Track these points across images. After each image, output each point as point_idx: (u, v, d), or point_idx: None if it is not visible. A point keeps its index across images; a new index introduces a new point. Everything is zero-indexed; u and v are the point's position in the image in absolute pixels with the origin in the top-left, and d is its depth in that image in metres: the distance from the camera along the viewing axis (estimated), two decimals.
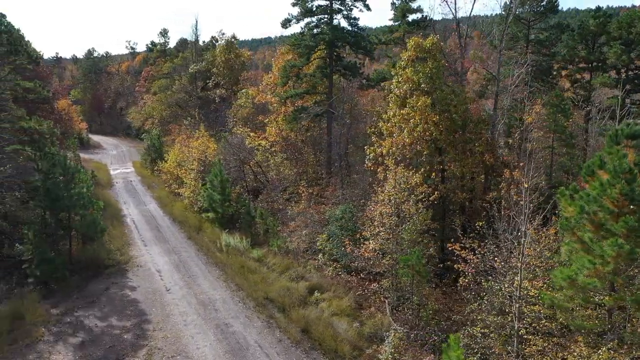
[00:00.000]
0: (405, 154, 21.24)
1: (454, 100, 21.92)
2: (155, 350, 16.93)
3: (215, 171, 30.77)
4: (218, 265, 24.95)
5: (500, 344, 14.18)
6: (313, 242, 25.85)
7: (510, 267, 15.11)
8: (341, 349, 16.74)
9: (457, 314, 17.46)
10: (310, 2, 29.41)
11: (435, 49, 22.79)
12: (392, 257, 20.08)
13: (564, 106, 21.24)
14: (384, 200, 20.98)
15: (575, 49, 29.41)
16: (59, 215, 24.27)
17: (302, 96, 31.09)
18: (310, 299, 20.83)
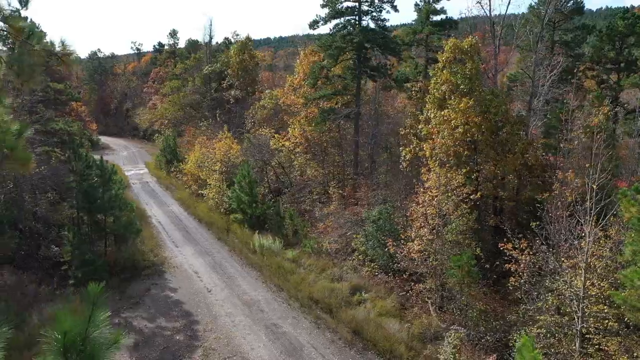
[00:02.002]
0: (449, 155, 21.33)
1: (494, 101, 22.03)
2: (211, 351, 16.97)
3: (243, 172, 30.80)
4: (253, 266, 24.98)
5: (565, 344, 14.28)
6: (346, 242, 25.94)
7: (569, 267, 15.20)
8: (396, 349, 16.82)
9: (512, 314, 17.51)
10: (340, 3, 29.48)
11: (473, 50, 22.90)
12: (435, 257, 20.19)
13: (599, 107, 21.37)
14: (425, 201, 21.08)
15: (602, 50, 29.61)
16: (95, 216, 24.30)
17: (330, 97, 31.14)
18: (353, 300, 20.90)
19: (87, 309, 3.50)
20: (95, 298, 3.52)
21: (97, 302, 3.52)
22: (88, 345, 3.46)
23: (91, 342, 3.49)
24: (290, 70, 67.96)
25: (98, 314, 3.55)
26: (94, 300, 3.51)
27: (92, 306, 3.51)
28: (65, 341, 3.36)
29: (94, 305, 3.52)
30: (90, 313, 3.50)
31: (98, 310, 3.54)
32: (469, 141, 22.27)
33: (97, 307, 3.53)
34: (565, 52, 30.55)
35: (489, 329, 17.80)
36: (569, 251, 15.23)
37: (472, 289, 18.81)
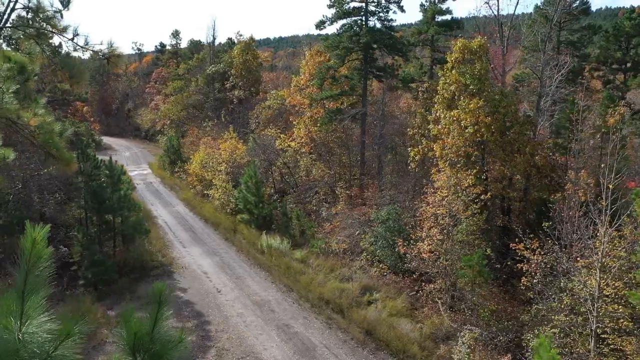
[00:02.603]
0: (459, 155, 21.36)
1: (504, 101, 22.06)
2: (224, 352, 16.97)
3: (250, 172, 30.81)
4: (262, 266, 24.98)
5: (580, 344, 14.30)
6: (354, 243, 25.94)
7: (583, 267, 15.22)
8: (409, 349, 16.83)
9: (523, 314, 17.54)
10: (347, 4, 29.51)
11: (482, 51, 22.94)
12: (445, 258, 20.21)
13: (615, 107, 21.43)
14: (435, 201, 21.11)
15: (609, 50, 29.66)
16: (104, 217, 24.28)
17: (337, 97, 31.17)
18: (363, 300, 20.92)
19: (153, 307, 3.50)
20: (161, 296, 3.52)
21: (162, 301, 3.52)
22: (156, 344, 3.47)
23: (158, 340, 3.50)
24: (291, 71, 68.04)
25: (163, 312, 3.55)
26: (159, 299, 3.51)
27: (158, 305, 3.51)
28: (135, 340, 3.37)
29: (159, 304, 3.52)
30: (157, 312, 3.50)
31: (163, 309, 3.55)
32: (478, 141, 22.31)
33: (162, 305, 3.53)
34: (571, 53, 30.59)
35: (500, 329, 17.82)
36: (585, 251, 15.24)
37: (483, 288, 18.85)
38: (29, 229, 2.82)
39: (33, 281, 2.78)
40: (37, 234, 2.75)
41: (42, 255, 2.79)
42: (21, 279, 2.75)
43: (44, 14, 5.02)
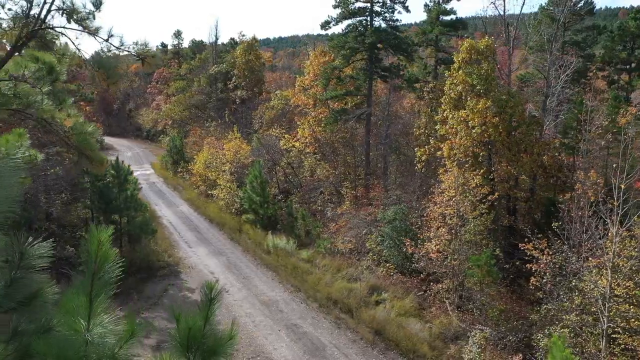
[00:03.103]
0: (467, 155, 21.41)
1: (511, 101, 22.10)
2: (234, 351, 16.94)
3: (255, 172, 30.82)
4: (268, 266, 25.00)
5: (592, 343, 14.34)
6: (360, 243, 25.97)
7: (594, 266, 15.26)
8: (419, 349, 16.87)
9: (532, 314, 17.57)
10: (352, 4, 29.55)
11: (489, 51, 23.00)
12: (453, 258, 20.26)
13: (621, 107, 21.50)
14: (442, 201, 21.16)
15: (614, 50, 29.71)
16: (110, 217, 24.31)
17: (342, 97, 31.22)
18: (371, 300, 20.95)
19: (204, 304, 3.54)
20: (213, 294, 3.56)
21: (213, 298, 3.56)
22: (208, 340, 3.50)
23: (210, 337, 3.54)
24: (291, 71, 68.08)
25: (214, 309, 3.59)
26: (211, 296, 3.55)
27: (210, 302, 3.54)
28: (190, 336, 3.40)
29: (210, 301, 3.55)
30: (208, 309, 3.54)
31: (214, 306, 3.58)
32: (485, 142, 22.36)
33: (213, 302, 3.56)
34: (576, 53, 30.63)
35: (509, 328, 17.86)
36: (596, 251, 15.28)
37: (491, 288, 18.88)
38: (94, 230, 2.85)
39: (99, 282, 2.81)
40: (102, 236, 2.78)
41: (108, 257, 2.82)
42: (88, 281, 2.78)
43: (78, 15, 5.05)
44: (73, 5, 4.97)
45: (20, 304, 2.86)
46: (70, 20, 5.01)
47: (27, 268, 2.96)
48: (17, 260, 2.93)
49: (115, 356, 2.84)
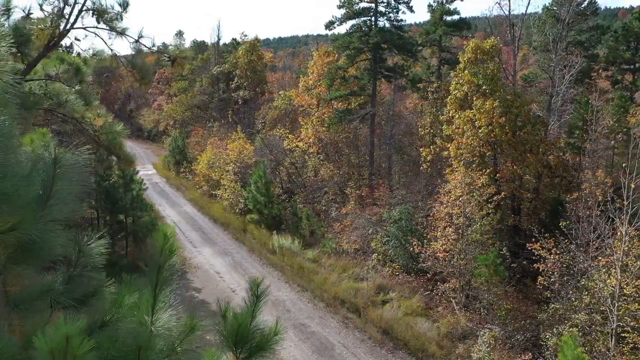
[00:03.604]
0: (474, 155, 21.47)
1: (517, 101, 22.17)
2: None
3: (259, 172, 30.88)
4: (274, 266, 25.05)
5: (602, 342, 14.40)
6: (365, 243, 26.01)
7: (603, 265, 15.31)
8: (428, 348, 16.93)
9: (540, 313, 17.62)
10: (356, 4, 29.62)
11: (494, 51, 23.06)
12: (460, 257, 20.30)
13: (627, 107, 21.56)
14: (449, 201, 21.20)
15: (617, 50, 29.78)
16: (116, 217, 24.36)
17: (346, 98, 31.28)
18: (378, 299, 21.01)
19: (250, 301, 3.60)
20: (259, 290, 3.61)
21: (260, 295, 3.61)
22: (255, 335, 3.55)
23: (257, 333, 3.59)
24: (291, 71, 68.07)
25: (260, 305, 3.64)
26: (257, 293, 3.60)
27: (256, 298, 3.60)
28: (238, 332, 3.45)
29: (257, 297, 3.61)
30: (254, 305, 3.59)
31: (260, 303, 3.64)
32: (491, 142, 22.41)
33: (259, 299, 3.62)
34: (580, 53, 30.69)
35: (517, 327, 17.90)
36: (605, 250, 15.33)
37: (499, 288, 18.92)
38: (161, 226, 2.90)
39: (164, 277, 2.86)
40: (168, 230, 2.83)
41: (173, 251, 2.86)
42: (154, 274, 2.83)
43: (107, 16, 5.09)
44: (102, 6, 5.02)
45: (79, 301, 2.90)
46: (100, 21, 5.07)
47: (85, 266, 3.01)
48: (76, 258, 2.97)
49: (176, 350, 2.89)
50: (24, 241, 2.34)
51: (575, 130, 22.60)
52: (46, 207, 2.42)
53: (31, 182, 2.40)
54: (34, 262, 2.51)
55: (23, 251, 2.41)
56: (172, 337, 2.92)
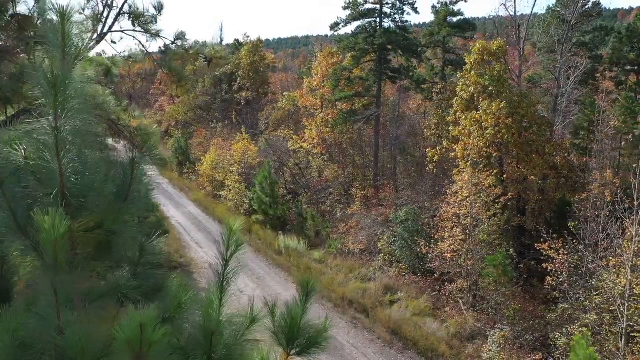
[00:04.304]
0: (481, 156, 21.57)
1: (524, 102, 22.27)
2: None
3: (264, 173, 30.95)
4: (280, 267, 25.12)
5: (612, 342, 14.48)
6: (371, 243, 26.08)
7: (613, 266, 15.40)
8: (437, 348, 17.00)
9: (548, 313, 17.70)
10: (362, 5, 29.74)
11: (501, 52, 23.16)
12: (467, 257, 20.39)
13: (634, 108, 21.66)
14: (456, 202, 21.29)
15: (622, 51, 29.89)
16: None
17: (351, 99, 31.39)
18: (385, 300, 21.09)
19: (301, 297, 3.68)
20: (309, 287, 3.69)
21: (310, 292, 3.69)
22: (307, 330, 3.63)
23: (307, 329, 3.66)
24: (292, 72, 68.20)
25: (310, 302, 3.73)
26: (307, 290, 3.68)
27: (306, 295, 3.68)
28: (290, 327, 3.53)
29: (307, 294, 3.69)
30: (305, 302, 3.67)
31: (310, 300, 3.72)
32: (497, 143, 22.50)
33: (309, 296, 3.70)
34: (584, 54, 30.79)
35: (525, 328, 17.98)
36: (614, 250, 15.42)
37: (507, 288, 19.00)
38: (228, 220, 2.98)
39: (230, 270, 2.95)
40: (235, 224, 2.91)
41: (240, 244, 2.95)
42: (221, 268, 2.91)
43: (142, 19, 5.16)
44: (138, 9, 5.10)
45: (146, 296, 2.98)
46: (135, 24, 5.14)
47: (147, 263, 3.09)
48: (139, 256, 3.06)
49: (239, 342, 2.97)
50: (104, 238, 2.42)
51: (580, 131, 22.69)
52: (124, 205, 2.50)
53: (110, 180, 2.48)
54: (110, 259, 2.59)
55: (102, 248, 2.48)
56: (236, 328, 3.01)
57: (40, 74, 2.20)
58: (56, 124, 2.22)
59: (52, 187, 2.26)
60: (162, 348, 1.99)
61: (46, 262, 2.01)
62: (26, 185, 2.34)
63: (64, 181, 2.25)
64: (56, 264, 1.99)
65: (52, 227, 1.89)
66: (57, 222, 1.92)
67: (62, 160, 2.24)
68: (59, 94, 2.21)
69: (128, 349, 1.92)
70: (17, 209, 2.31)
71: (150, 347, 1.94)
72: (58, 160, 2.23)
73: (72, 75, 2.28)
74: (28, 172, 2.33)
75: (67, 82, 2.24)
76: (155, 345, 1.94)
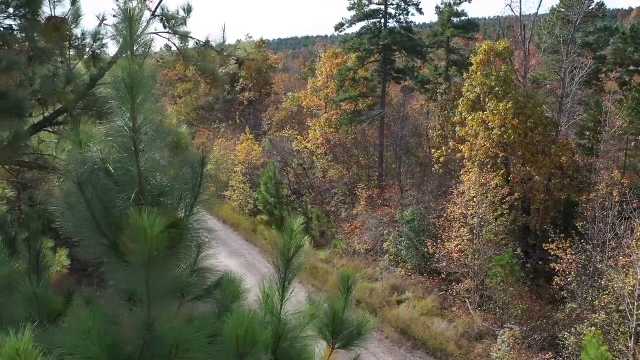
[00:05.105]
0: (487, 156, 21.66)
1: (530, 102, 22.36)
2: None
3: (269, 173, 31.02)
4: None
5: (622, 341, 14.57)
6: (377, 243, 26.16)
7: (622, 265, 15.48)
8: (446, 347, 17.08)
9: (556, 312, 17.79)
10: (366, 6, 29.83)
11: (507, 53, 23.25)
12: (474, 257, 20.47)
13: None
14: (462, 202, 21.37)
15: (625, 52, 29.93)
16: None
17: (355, 99, 31.47)
18: (392, 299, 21.17)
19: (342, 292, 3.75)
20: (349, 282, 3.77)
21: (350, 287, 3.77)
22: (348, 325, 3.71)
23: (349, 322, 3.74)
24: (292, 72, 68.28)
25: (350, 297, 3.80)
26: (348, 285, 3.76)
27: (347, 290, 3.75)
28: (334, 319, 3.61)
29: (348, 289, 3.76)
30: (346, 297, 3.74)
31: (351, 294, 3.79)
32: (503, 143, 22.59)
33: (350, 291, 3.78)
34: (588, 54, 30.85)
35: (533, 327, 18.05)
36: (623, 250, 15.50)
37: (514, 287, 19.08)
38: (288, 220, 3.05)
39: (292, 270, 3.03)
40: (295, 224, 2.99)
41: (301, 245, 3.02)
42: (283, 267, 2.99)
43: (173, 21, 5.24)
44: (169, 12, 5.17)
45: (207, 292, 3.07)
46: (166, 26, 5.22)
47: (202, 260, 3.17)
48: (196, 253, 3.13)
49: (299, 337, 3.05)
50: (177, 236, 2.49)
51: (586, 131, 22.79)
52: (195, 202, 2.57)
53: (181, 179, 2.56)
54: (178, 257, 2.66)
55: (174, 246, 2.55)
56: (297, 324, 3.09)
57: (119, 76, 2.27)
58: (134, 125, 2.29)
59: (130, 188, 2.33)
60: (262, 347, 2.10)
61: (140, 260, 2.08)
62: (103, 185, 2.41)
63: (142, 181, 2.32)
64: (149, 262, 2.06)
65: (149, 226, 1.96)
66: (153, 222, 1.98)
67: (140, 161, 2.31)
68: (135, 96, 2.28)
69: (235, 345, 2.01)
70: (95, 208, 2.38)
71: (254, 346, 2.04)
72: (137, 161, 2.29)
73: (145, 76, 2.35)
74: (104, 172, 2.40)
75: (142, 84, 2.31)
76: (258, 344, 2.04)
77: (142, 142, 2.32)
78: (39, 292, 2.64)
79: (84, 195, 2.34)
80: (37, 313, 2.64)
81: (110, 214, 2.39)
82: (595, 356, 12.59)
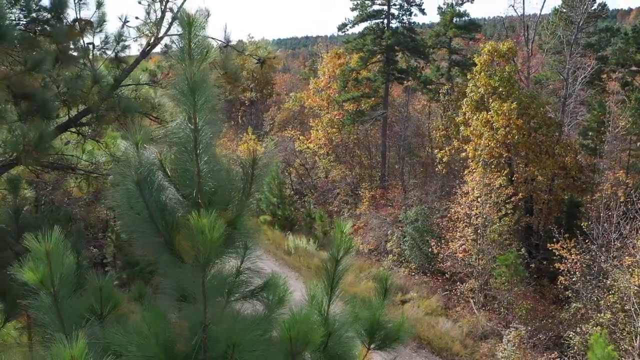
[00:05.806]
0: (492, 156, 21.74)
1: (534, 103, 22.44)
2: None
3: (272, 174, 31.04)
4: (290, 267, 25.21)
5: (627, 341, 14.64)
6: (382, 244, 26.22)
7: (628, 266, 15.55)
8: (451, 347, 17.13)
9: (560, 312, 17.87)
10: (369, 7, 29.91)
11: (511, 53, 23.34)
12: (479, 257, 20.54)
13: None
14: (467, 202, 21.44)
15: (627, 52, 30.02)
16: None
17: (358, 99, 31.54)
18: (397, 299, 21.20)
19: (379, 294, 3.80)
20: (387, 284, 3.82)
21: (387, 289, 3.83)
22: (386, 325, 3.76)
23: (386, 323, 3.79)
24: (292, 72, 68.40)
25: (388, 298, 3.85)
26: (385, 287, 3.81)
27: (384, 292, 3.81)
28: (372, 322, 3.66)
29: (385, 291, 3.82)
30: (383, 298, 3.80)
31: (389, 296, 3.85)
32: (507, 143, 22.67)
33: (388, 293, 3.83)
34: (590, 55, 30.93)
35: (538, 327, 18.13)
36: (629, 250, 15.58)
37: (519, 287, 19.15)
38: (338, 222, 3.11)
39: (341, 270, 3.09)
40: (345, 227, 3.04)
41: (350, 246, 3.07)
42: (332, 268, 3.05)
43: None
44: None
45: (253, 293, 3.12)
46: None
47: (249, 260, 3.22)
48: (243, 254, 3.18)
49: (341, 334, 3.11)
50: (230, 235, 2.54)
51: (589, 131, 22.89)
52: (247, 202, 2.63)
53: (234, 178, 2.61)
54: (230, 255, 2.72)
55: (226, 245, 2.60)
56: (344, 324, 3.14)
57: (182, 79, 2.32)
58: (195, 126, 2.34)
59: (189, 187, 2.38)
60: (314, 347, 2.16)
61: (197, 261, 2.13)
62: (160, 185, 2.46)
63: (201, 181, 2.37)
64: (207, 264, 2.11)
65: (210, 229, 2.01)
66: (214, 224, 2.03)
67: (200, 161, 2.36)
68: (197, 98, 2.33)
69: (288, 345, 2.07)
70: (152, 208, 2.43)
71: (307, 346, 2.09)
72: (196, 161, 2.35)
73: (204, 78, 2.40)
74: (163, 173, 2.45)
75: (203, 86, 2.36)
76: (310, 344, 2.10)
77: (201, 143, 2.37)
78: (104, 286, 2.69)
79: (143, 195, 2.39)
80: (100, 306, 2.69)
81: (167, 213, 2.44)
82: (602, 356, 12.65)
